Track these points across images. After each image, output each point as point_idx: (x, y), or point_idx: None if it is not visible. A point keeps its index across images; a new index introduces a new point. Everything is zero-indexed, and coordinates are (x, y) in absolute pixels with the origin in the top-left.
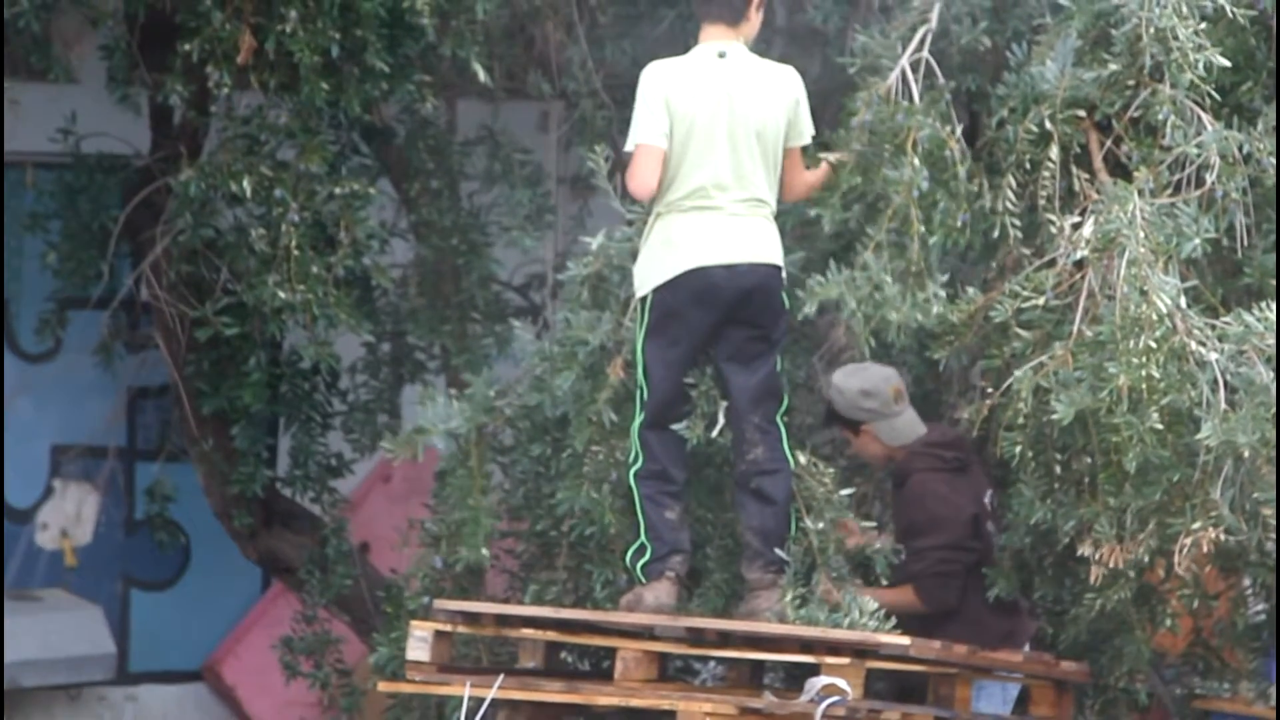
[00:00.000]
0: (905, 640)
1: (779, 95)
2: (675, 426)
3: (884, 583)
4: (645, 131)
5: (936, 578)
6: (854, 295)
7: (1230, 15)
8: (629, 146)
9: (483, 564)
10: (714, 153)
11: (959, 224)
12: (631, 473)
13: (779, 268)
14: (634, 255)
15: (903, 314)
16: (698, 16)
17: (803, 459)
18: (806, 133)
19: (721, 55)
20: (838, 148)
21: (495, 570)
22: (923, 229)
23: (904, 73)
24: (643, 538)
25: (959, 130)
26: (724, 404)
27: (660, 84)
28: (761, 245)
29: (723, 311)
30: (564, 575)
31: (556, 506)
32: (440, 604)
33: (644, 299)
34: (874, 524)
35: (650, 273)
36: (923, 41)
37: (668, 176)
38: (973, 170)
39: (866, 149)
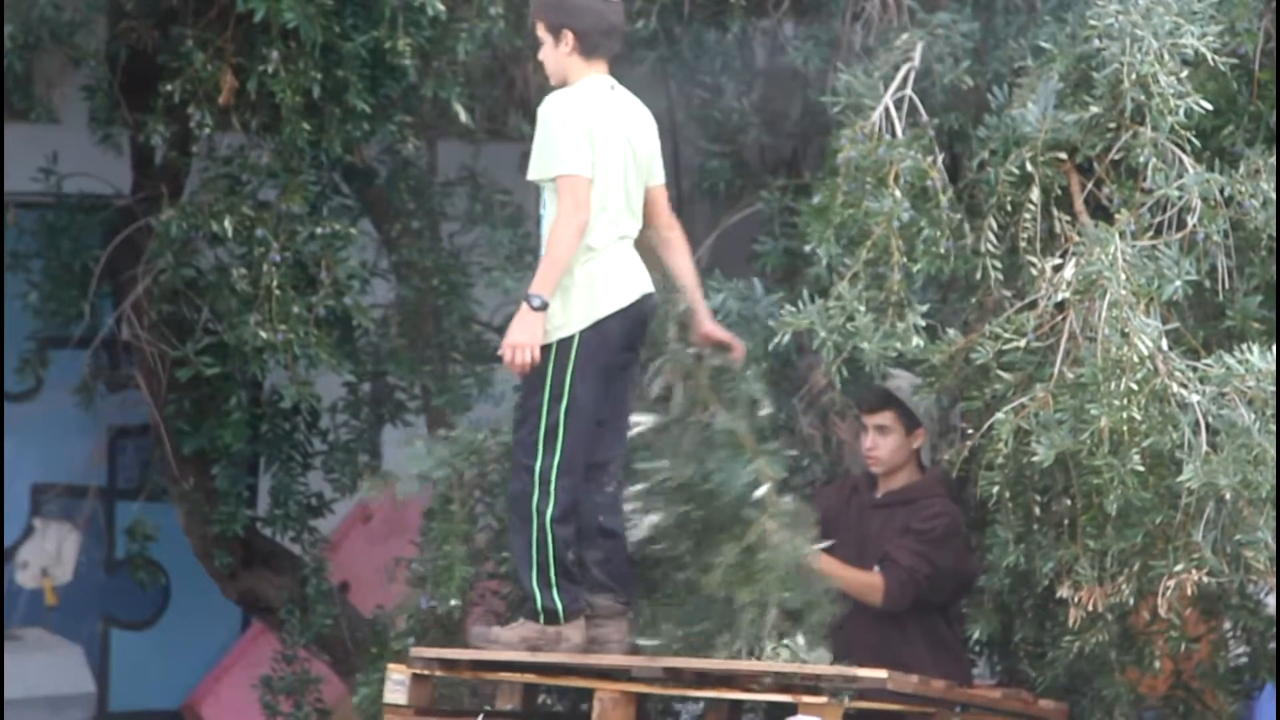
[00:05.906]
0: (882, 673)
1: (653, 133)
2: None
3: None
4: (578, 162)
5: (910, 578)
6: (825, 325)
7: (1211, 61)
8: (556, 171)
9: (453, 614)
10: (622, 185)
11: (943, 250)
12: (549, 518)
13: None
14: None
15: (875, 345)
16: (585, 51)
17: (772, 525)
18: (660, 174)
19: (612, 88)
20: (822, 187)
21: (481, 609)
22: (904, 259)
23: (887, 109)
24: (555, 589)
25: (940, 161)
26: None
27: (582, 115)
28: (647, 274)
29: (631, 342)
30: None
31: None
32: (416, 651)
33: (570, 337)
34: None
35: (585, 310)
36: (906, 79)
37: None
38: (955, 204)
39: (852, 185)
